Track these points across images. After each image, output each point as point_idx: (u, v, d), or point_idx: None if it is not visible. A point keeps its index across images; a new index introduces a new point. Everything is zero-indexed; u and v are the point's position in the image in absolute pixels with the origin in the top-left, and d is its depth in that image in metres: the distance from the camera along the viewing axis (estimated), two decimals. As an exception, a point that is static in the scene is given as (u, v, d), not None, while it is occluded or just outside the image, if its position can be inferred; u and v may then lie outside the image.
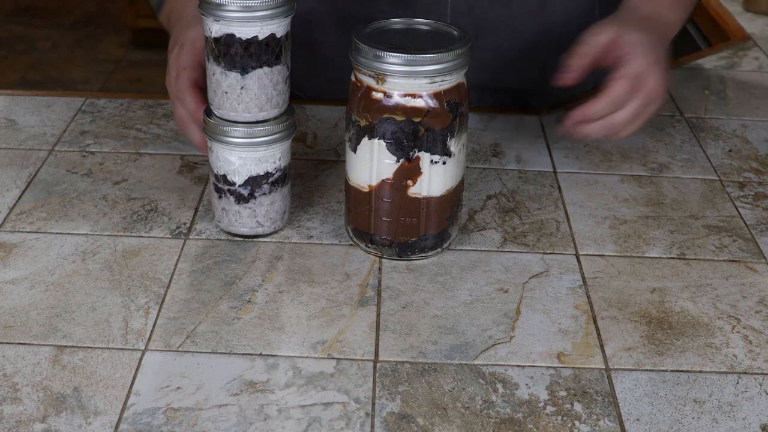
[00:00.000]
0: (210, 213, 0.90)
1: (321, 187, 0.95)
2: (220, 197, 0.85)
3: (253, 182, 0.84)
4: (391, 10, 1.06)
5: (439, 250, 0.85)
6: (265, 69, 0.80)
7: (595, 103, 0.88)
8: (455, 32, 0.81)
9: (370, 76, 0.78)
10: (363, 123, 0.80)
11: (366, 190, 0.82)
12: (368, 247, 0.85)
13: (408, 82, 0.77)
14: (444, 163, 0.81)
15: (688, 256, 0.87)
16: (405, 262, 0.84)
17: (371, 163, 0.81)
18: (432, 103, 0.78)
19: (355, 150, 0.82)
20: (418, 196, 0.81)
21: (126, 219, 0.89)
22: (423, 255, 0.84)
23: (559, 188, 0.97)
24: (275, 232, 0.87)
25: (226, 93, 0.81)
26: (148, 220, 0.89)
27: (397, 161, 0.80)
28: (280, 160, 0.84)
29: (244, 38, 0.79)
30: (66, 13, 3.96)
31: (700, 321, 0.78)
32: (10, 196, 0.92)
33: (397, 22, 0.83)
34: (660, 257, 0.87)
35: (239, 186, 0.84)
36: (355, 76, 0.80)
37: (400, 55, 0.76)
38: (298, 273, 0.82)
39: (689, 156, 1.05)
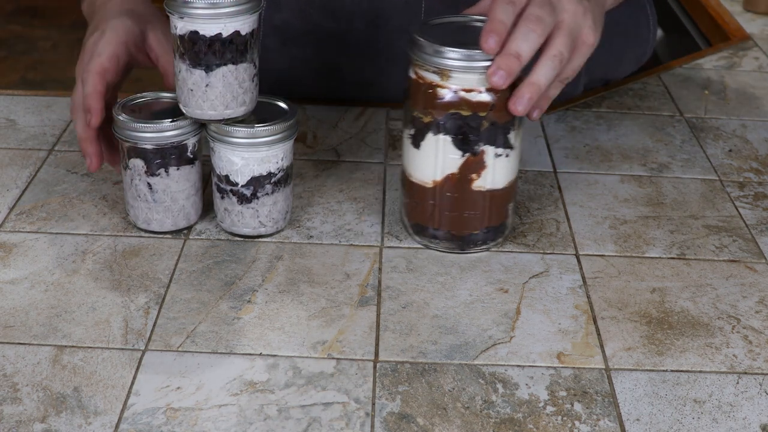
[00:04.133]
0: (210, 213, 0.90)
1: (321, 187, 0.95)
2: (222, 197, 0.85)
3: (256, 182, 0.84)
4: (363, 28, 1.06)
5: (500, 240, 0.86)
6: (230, 67, 0.80)
7: (491, 11, 0.77)
8: None
9: (434, 72, 0.78)
10: (427, 119, 0.80)
11: (430, 185, 0.83)
12: (430, 242, 0.85)
13: (473, 76, 0.78)
14: (507, 155, 0.82)
15: (688, 256, 0.87)
16: (458, 258, 0.85)
17: (436, 159, 0.81)
18: (497, 96, 0.78)
19: (418, 146, 0.82)
20: (482, 189, 0.82)
21: (126, 219, 0.89)
22: (484, 247, 0.85)
23: (559, 188, 0.97)
24: (277, 232, 0.87)
25: (192, 90, 0.81)
26: (148, 220, 0.89)
27: (463, 155, 0.81)
28: (282, 160, 0.84)
29: (208, 35, 0.78)
30: (66, 13, 3.96)
31: (700, 321, 0.78)
32: (10, 196, 0.92)
33: (454, 18, 0.84)
34: (660, 257, 0.87)
35: (242, 186, 0.84)
36: (416, 74, 0.80)
37: (467, 50, 0.77)
38: (298, 273, 0.82)
39: (689, 156, 1.05)
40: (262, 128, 0.82)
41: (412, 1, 1.04)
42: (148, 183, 0.84)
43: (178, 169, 0.84)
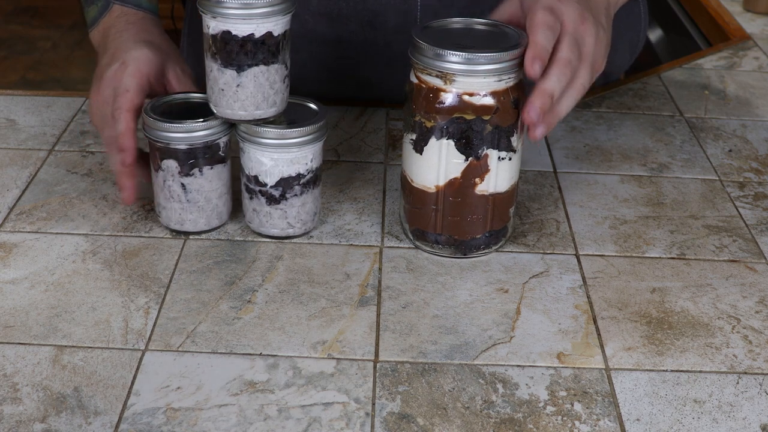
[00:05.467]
0: (210, 213, 0.90)
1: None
2: (251, 198, 0.85)
3: (285, 183, 0.84)
4: (360, 30, 1.06)
5: (502, 242, 0.86)
6: (261, 67, 0.80)
7: (533, 35, 0.78)
8: (511, 31, 0.81)
9: (437, 76, 0.78)
10: (430, 124, 0.80)
11: (432, 190, 0.82)
12: (433, 248, 0.85)
13: (477, 80, 0.77)
14: (510, 159, 0.82)
15: (688, 256, 0.87)
16: (459, 260, 0.85)
17: (439, 164, 0.81)
18: (500, 100, 0.78)
19: (421, 152, 0.81)
20: (485, 194, 0.82)
21: (126, 219, 0.89)
22: (486, 251, 0.85)
23: (559, 188, 0.97)
24: (306, 233, 0.87)
25: (223, 90, 0.81)
26: (148, 220, 0.89)
27: (466, 160, 0.80)
28: (312, 161, 0.84)
29: (240, 36, 0.79)
30: (66, 13, 3.96)
31: (700, 321, 0.78)
32: (10, 196, 0.92)
33: (455, 22, 0.83)
34: (660, 257, 0.87)
35: (271, 187, 0.84)
36: (418, 78, 0.80)
37: (470, 54, 0.76)
38: (298, 273, 0.82)
39: (689, 156, 1.05)
40: (292, 129, 0.82)
41: (408, 1, 1.04)
42: (182, 183, 0.84)
43: (211, 168, 0.84)
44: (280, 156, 0.82)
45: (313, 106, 0.86)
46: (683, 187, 0.99)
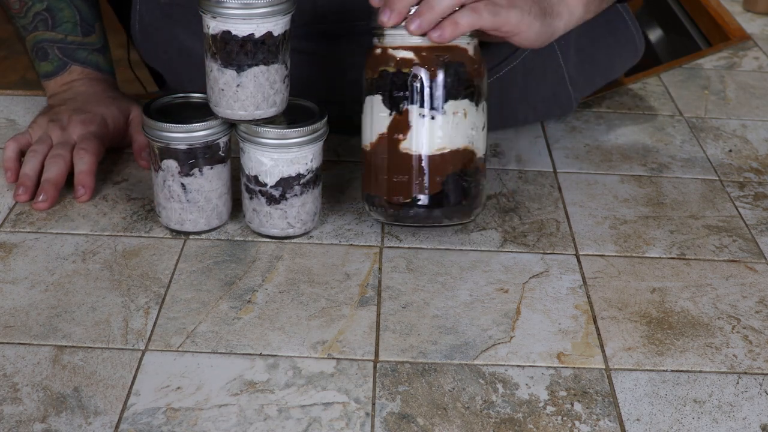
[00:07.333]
0: (210, 213, 0.90)
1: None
2: (251, 198, 0.85)
3: (285, 183, 0.84)
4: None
5: (445, 222, 0.85)
6: (261, 67, 0.80)
7: None
8: None
9: (375, 35, 0.82)
10: (367, 83, 0.83)
11: (368, 148, 0.84)
12: (370, 211, 0.87)
13: (399, 33, 0.80)
14: (433, 118, 0.82)
15: (688, 256, 0.87)
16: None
17: (371, 120, 0.83)
18: (421, 56, 0.80)
19: (362, 110, 0.84)
20: (410, 152, 0.82)
21: (126, 219, 0.89)
22: (418, 224, 0.85)
23: (559, 188, 0.97)
24: (306, 233, 0.87)
25: (223, 90, 0.81)
26: (148, 220, 0.89)
27: (390, 114, 0.82)
28: (312, 161, 0.84)
29: (240, 36, 0.79)
30: (66, 13, 3.96)
31: (700, 321, 0.78)
32: (10, 196, 0.92)
33: None
34: (660, 257, 0.87)
35: (271, 187, 0.84)
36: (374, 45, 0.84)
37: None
38: (298, 273, 0.82)
39: (689, 156, 1.05)
40: (293, 129, 0.82)
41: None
42: (182, 183, 0.84)
43: (211, 168, 0.84)
44: (280, 156, 0.82)
45: (312, 106, 0.86)
46: (683, 187, 0.99)
